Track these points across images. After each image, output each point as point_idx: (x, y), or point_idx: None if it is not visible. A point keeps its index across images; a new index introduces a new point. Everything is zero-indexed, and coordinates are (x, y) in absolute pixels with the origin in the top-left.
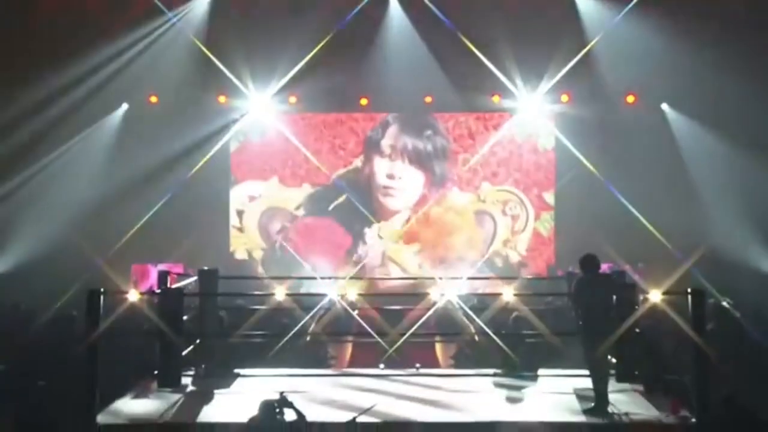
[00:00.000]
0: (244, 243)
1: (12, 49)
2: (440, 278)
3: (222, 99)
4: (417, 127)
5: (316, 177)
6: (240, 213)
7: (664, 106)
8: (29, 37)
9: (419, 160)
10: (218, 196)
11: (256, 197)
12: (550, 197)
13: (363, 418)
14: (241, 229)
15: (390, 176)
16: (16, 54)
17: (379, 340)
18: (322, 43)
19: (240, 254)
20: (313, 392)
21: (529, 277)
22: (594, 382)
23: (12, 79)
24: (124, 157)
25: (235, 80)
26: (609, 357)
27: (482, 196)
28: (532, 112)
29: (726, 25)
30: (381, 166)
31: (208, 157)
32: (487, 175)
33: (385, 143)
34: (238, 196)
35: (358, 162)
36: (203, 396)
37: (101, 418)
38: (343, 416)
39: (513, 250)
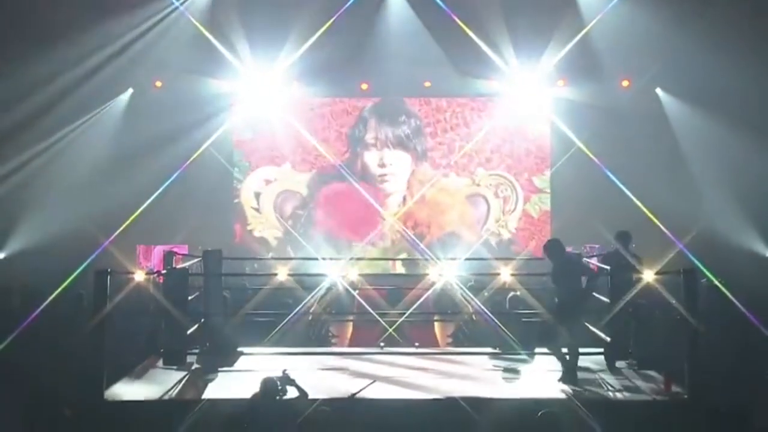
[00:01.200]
0: (261, 222)
1: (14, 32)
2: (439, 259)
3: (226, 84)
4: (391, 115)
5: (325, 163)
6: (257, 195)
7: (659, 91)
8: (31, 20)
9: (401, 143)
10: (221, 180)
11: (272, 181)
12: (538, 181)
13: (362, 395)
14: (258, 210)
15: (381, 165)
16: (18, 37)
17: (379, 319)
18: (323, 29)
19: (258, 232)
20: (315, 370)
21: (525, 257)
22: (570, 357)
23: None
24: (129, 140)
25: (238, 65)
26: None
27: (477, 180)
28: (529, 97)
29: (722, 9)
30: (371, 158)
31: (211, 140)
32: (481, 161)
33: (369, 137)
34: (255, 179)
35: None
36: (207, 373)
37: (109, 395)
38: (344, 393)
39: (504, 228)
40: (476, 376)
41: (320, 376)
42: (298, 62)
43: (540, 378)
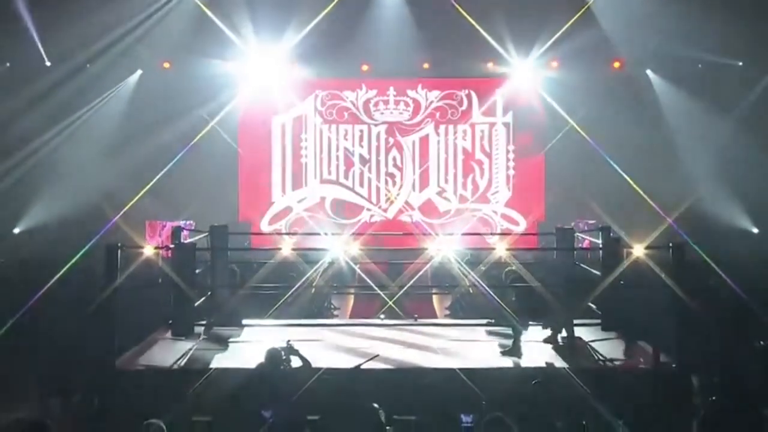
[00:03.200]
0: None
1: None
2: (437, 234)
3: (232, 65)
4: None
5: None
6: None
7: (649, 72)
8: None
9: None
10: (226, 158)
11: None
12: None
13: (366, 366)
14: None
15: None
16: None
17: (380, 292)
18: (326, 11)
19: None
20: (318, 341)
21: (520, 232)
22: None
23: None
24: (138, 120)
25: (242, 46)
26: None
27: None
28: (523, 77)
29: None
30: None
31: (217, 119)
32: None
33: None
34: None
35: None
36: (214, 344)
37: (119, 364)
38: (346, 363)
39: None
40: (472, 347)
41: (323, 346)
42: (301, 43)
43: (533, 348)
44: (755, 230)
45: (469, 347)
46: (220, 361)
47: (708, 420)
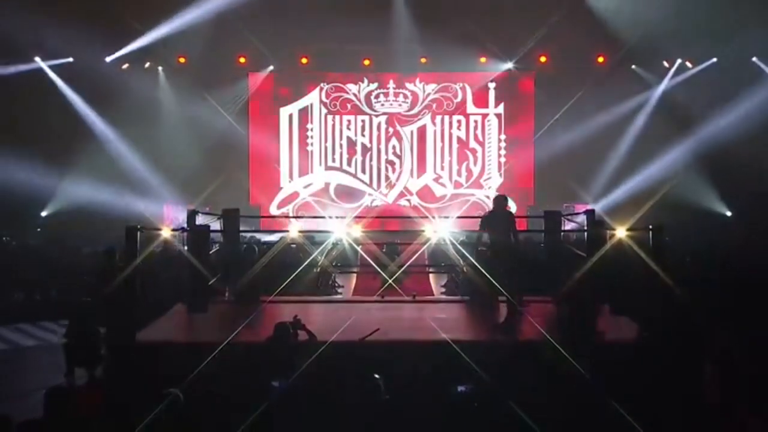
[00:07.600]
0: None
1: None
2: (434, 217)
3: (242, 59)
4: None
5: None
6: None
7: (634, 67)
8: None
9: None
10: (238, 148)
11: None
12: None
13: (368, 339)
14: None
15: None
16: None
17: (380, 271)
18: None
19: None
20: (323, 316)
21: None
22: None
23: None
24: (159, 112)
25: (255, 41)
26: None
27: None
28: (515, 71)
29: None
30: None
31: (225, 112)
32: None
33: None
34: None
35: None
36: (227, 319)
37: (140, 337)
38: (349, 337)
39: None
40: (465, 322)
41: (327, 321)
42: (306, 39)
43: (523, 322)
44: (728, 213)
45: (463, 321)
46: (233, 335)
47: None
